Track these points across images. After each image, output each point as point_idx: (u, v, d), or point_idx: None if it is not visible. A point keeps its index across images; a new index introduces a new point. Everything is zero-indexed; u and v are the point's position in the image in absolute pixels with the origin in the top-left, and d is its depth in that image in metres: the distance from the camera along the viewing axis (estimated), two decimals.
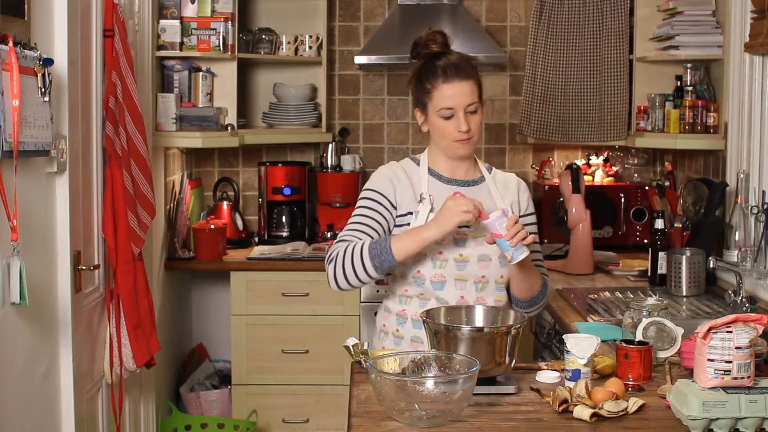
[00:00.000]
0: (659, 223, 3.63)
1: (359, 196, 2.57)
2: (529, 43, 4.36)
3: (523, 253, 2.32)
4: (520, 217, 2.54)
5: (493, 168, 2.63)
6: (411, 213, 2.48)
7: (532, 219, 2.61)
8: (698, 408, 1.86)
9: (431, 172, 2.55)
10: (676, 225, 3.82)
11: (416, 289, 2.49)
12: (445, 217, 2.32)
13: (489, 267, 2.47)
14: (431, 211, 2.45)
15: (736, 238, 3.40)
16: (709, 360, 1.92)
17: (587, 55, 4.27)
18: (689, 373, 2.20)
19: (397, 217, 2.51)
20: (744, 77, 3.45)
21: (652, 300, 2.49)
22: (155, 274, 3.86)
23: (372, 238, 2.47)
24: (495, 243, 2.35)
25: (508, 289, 2.55)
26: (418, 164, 2.58)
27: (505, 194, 2.56)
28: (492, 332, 2.13)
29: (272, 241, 4.52)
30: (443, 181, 2.54)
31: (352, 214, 2.55)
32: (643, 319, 2.40)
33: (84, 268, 2.83)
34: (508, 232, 2.29)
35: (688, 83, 3.90)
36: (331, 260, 2.44)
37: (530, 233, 2.39)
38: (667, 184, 4.19)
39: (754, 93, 3.39)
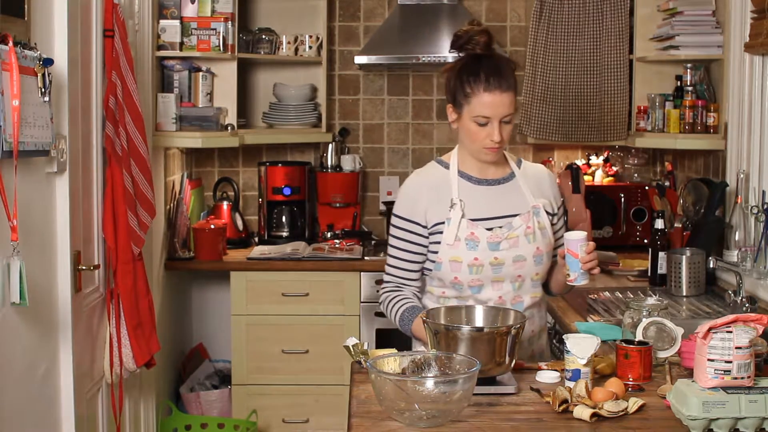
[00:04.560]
0: (659, 223, 3.63)
1: (391, 221, 2.59)
2: (529, 43, 4.35)
3: (586, 280, 2.40)
4: (553, 214, 2.57)
5: (522, 160, 2.62)
6: (443, 222, 2.48)
7: (562, 210, 2.64)
8: (698, 408, 1.86)
9: (461, 174, 2.53)
10: (676, 225, 3.82)
11: (454, 292, 2.50)
12: None
13: (524, 266, 2.47)
14: (462, 217, 2.45)
15: (736, 238, 3.40)
16: (709, 360, 1.92)
17: (587, 55, 4.27)
18: (689, 373, 2.20)
19: (430, 232, 2.50)
20: (744, 77, 3.45)
21: (652, 300, 2.49)
22: (155, 274, 3.86)
23: (412, 270, 2.54)
24: (565, 258, 2.40)
25: (543, 285, 2.59)
26: (447, 167, 2.55)
27: (536, 192, 2.54)
28: (492, 332, 2.13)
29: (272, 241, 4.52)
30: (473, 182, 2.52)
31: (389, 243, 2.58)
32: (643, 319, 2.40)
33: (84, 268, 2.83)
34: (585, 256, 2.36)
35: (688, 83, 3.89)
36: (381, 303, 2.61)
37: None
38: (667, 184, 4.19)
39: (754, 93, 3.39)
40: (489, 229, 2.45)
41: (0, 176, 2.21)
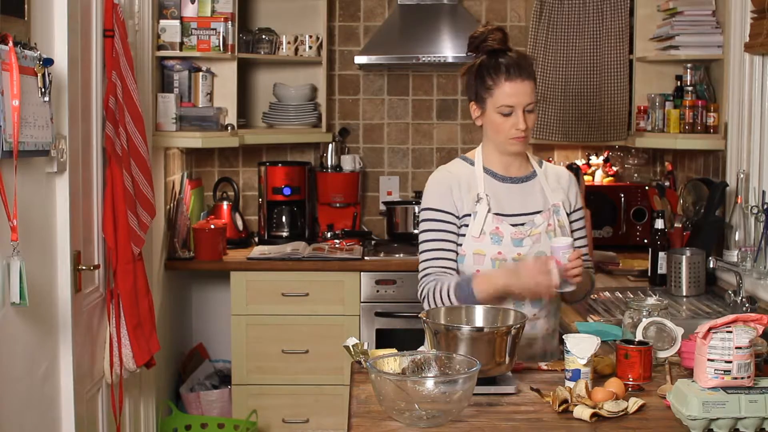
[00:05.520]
0: (659, 223, 3.63)
1: (420, 217, 2.59)
2: (529, 43, 4.35)
3: (569, 288, 2.41)
4: (569, 213, 2.59)
5: (544, 161, 2.67)
6: (469, 215, 2.51)
7: (581, 214, 2.65)
8: (698, 408, 1.86)
9: (486, 170, 2.57)
10: (676, 225, 3.82)
11: None
12: (527, 277, 2.35)
13: None
14: (489, 211, 2.49)
15: (736, 238, 3.40)
16: (709, 360, 1.92)
17: (587, 55, 4.27)
18: (689, 373, 2.20)
19: (460, 223, 2.53)
20: (744, 77, 3.45)
21: (652, 300, 2.49)
22: (155, 274, 3.86)
23: (450, 259, 2.50)
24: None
25: None
26: (472, 164, 2.58)
27: (556, 189, 2.59)
28: (492, 332, 2.13)
29: (272, 241, 4.52)
30: (498, 179, 2.56)
31: (421, 238, 2.56)
32: (643, 319, 2.40)
33: (84, 268, 2.83)
34: (567, 264, 2.36)
35: (688, 83, 3.89)
36: (424, 298, 2.51)
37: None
38: (667, 184, 4.19)
39: (754, 93, 3.39)
40: (513, 225, 2.50)
41: (0, 176, 2.21)
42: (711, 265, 3.39)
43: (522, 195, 2.55)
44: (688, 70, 3.91)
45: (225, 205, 4.54)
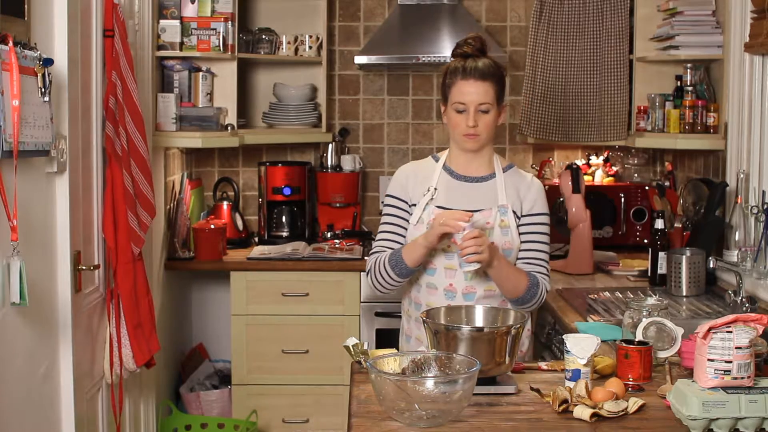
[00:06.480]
0: (659, 223, 3.63)
1: (383, 201, 2.80)
2: (529, 43, 4.36)
3: (469, 267, 2.49)
4: (522, 216, 2.66)
5: (514, 167, 2.74)
6: (416, 204, 2.67)
7: (538, 219, 2.69)
8: (698, 408, 1.86)
9: (446, 167, 2.71)
10: (676, 225, 3.82)
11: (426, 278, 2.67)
12: (431, 229, 2.53)
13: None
14: (431, 200, 2.64)
15: (736, 238, 3.40)
16: (709, 360, 1.92)
17: (587, 55, 4.27)
18: (689, 373, 2.20)
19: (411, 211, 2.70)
20: (744, 77, 3.45)
21: (652, 300, 2.50)
22: (155, 274, 3.86)
23: (398, 242, 2.69)
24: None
25: None
26: (437, 161, 2.74)
27: (511, 194, 2.66)
28: (492, 332, 2.13)
29: (272, 241, 4.52)
30: (453, 176, 2.69)
31: (381, 221, 2.77)
32: (643, 319, 2.40)
33: (84, 268, 2.83)
34: (461, 243, 2.46)
35: (688, 83, 3.89)
36: (368, 273, 2.72)
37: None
38: (667, 184, 4.19)
39: (754, 93, 3.39)
40: None
41: (0, 176, 2.21)
42: (711, 265, 3.38)
43: (472, 193, 2.66)
44: (688, 70, 3.91)
45: (225, 205, 4.54)
